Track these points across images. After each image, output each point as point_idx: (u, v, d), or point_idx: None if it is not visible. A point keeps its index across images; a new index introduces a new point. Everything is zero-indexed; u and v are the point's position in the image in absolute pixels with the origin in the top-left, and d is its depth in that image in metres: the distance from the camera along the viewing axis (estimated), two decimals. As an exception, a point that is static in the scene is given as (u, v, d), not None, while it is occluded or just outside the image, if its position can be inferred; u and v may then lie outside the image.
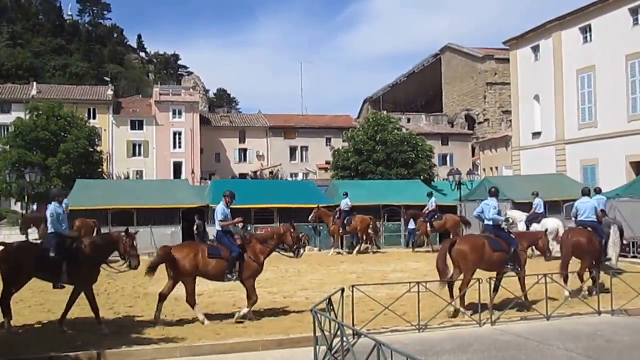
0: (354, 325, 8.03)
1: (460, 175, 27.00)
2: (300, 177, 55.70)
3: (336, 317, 7.24)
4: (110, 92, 56.91)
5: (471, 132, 68.44)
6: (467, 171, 31.52)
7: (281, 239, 9.76)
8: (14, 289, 8.79)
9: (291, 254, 9.97)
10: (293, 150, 61.68)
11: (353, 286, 8.66)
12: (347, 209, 21.38)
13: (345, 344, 6.08)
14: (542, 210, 19.39)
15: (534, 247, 11.38)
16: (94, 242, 9.15)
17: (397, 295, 9.95)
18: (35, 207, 36.47)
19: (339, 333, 6.36)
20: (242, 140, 60.93)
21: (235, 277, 9.46)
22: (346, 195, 21.83)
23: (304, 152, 61.89)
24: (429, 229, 21.62)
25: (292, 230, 9.85)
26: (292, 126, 62.20)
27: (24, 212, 29.50)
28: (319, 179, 48.43)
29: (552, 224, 17.77)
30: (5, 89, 55.70)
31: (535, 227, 17.98)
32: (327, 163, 49.44)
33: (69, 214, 17.74)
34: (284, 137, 61.52)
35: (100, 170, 40.62)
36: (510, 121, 44.42)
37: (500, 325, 8.93)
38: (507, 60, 43.74)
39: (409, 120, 65.91)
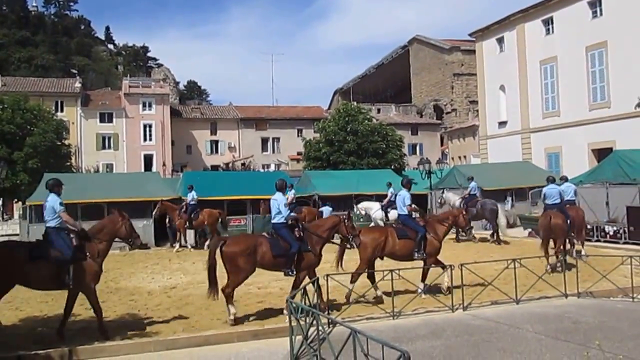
0: (328, 313, 8.10)
1: (430, 164, 27.34)
2: (272, 168, 55.57)
3: (311, 306, 7.28)
4: (77, 85, 55.55)
5: (439, 121, 69.20)
6: (436, 160, 31.95)
7: (456, 220, 10.80)
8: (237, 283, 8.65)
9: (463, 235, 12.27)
10: (264, 141, 61.39)
11: (327, 275, 8.72)
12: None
13: (320, 332, 6.12)
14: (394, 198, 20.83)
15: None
16: (315, 230, 9.22)
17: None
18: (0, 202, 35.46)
19: (314, 322, 6.38)
20: (213, 132, 60.33)
21: (422, 255, 10.15)
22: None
23: (276, 143, 61.67)
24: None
25: (464, 213, 11.23)
26: (263, 117, 61.84)
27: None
28: (291, 169, 48.45)
29: None
30: (-33, 82, 53.91)
31: (393, 213, 19.65)
32: (299, 154, 49.45)
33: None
34: (255, 128, 61.16)
35: (68, 163, 39.74)
36: (477, 111, 45.04)
37: (472, 310, 9.11)
38: (473, 52, 44.31)
39: (378, 111, 66.26)
